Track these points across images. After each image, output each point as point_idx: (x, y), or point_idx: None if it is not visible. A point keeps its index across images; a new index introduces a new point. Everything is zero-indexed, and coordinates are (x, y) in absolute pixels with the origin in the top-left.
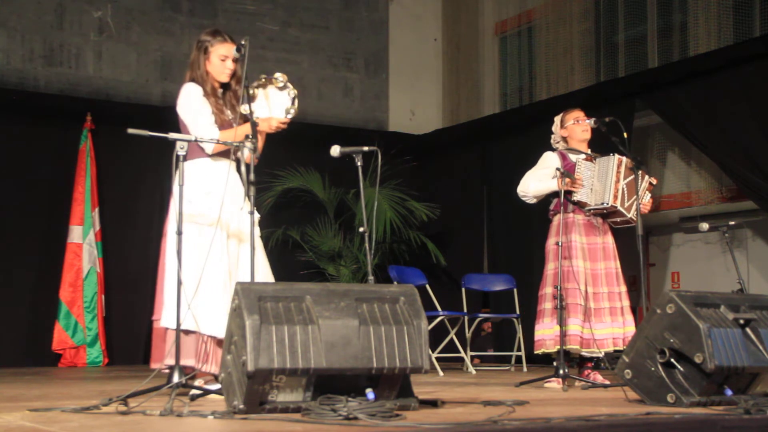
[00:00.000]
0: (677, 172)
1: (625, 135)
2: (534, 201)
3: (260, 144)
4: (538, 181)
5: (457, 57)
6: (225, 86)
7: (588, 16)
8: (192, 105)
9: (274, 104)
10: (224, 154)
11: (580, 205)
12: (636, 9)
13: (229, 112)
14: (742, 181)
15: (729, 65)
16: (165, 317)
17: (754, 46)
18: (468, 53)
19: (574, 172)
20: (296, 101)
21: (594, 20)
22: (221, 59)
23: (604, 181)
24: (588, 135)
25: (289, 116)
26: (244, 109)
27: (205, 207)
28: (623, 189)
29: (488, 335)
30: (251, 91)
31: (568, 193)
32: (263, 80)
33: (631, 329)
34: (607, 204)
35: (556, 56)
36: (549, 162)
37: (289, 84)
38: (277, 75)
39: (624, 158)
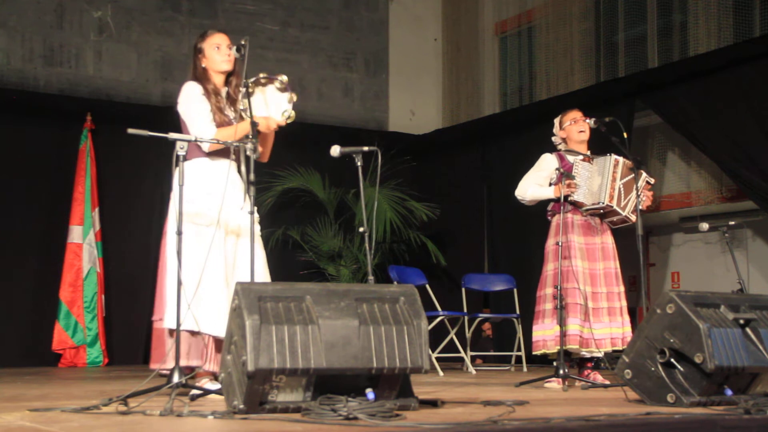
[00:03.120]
0: (677, 172)
1: (625, 135)
2: (531, 204)
3: (269, 143)
4: (536, 186)
5: (457, 57)
6: (227, 83)
7: (588, 16)
8: (190, 103)
9: (272, 105)
10: (224, 153)
11: (576, 206)
12: (636, 9)
13: (229, 112)
14: (742, 181)
15: (729, 65)
16: (168, 318)
17: (754, 46)
18: (468, 53)
19: (571, 172)
20: (292, 107)
21: (594, 20)
22: (216, 47)
23: (601, 181)
24: (585, 136)
25: (287, 119)
26: (243, 104)
27: (205, 207)
28: (620, 188)
29: (488, 338)
30: (250, 89)
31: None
32: (264, 79)
33: (628, 329)
34: (603, 203)
35: (556, 56)
36: (546, 164)
37: (289, 88)
38: (280, 77)
39: (621, 158)
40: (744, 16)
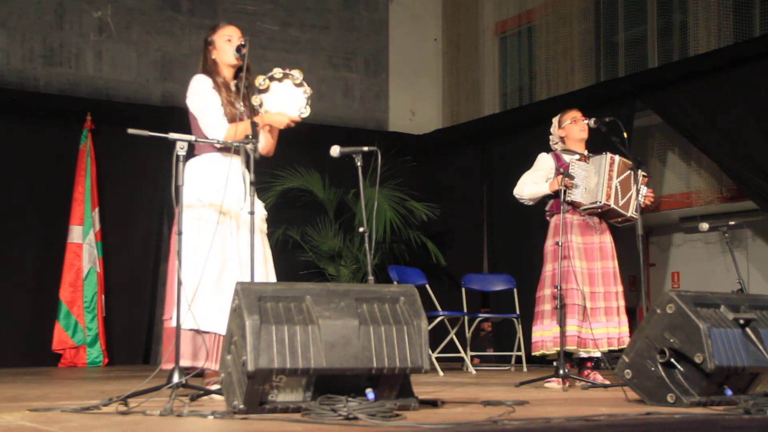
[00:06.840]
0: (677, 172)
1: (625, 135)
2: (530, 203)
3: (273, 141)
4: (532, 183)
5: (457, 57)
6: (236, 77)
7: (588, 16)
8: (201, 96)
9: (288, 101)
10: (228, 148)
11: (574, 206)
12: (636, 9)
13: (240, 105)
14: (742, 181)
15: (729, 65)
16: (174, 317)
17: (754, 46)
18: (468, 53)
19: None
20: (310, 101)
21: (594, 20)
22: (227, 40)
23: (597, 180)
24: (585, 135)
25: (302, 115)
26: (254, 100)
27: (215, 204)
28: (617, 187)
29: (487, 335)
30: (265, 83)
31: (564, 193)
32: (280, 74)
33: (625, 329)
34: (600, 203)
35: (556, 56)
36: (543, 164)
37: (305, 83)
38: (294, 72)
39: (617, 156)
40: (744, 16)
